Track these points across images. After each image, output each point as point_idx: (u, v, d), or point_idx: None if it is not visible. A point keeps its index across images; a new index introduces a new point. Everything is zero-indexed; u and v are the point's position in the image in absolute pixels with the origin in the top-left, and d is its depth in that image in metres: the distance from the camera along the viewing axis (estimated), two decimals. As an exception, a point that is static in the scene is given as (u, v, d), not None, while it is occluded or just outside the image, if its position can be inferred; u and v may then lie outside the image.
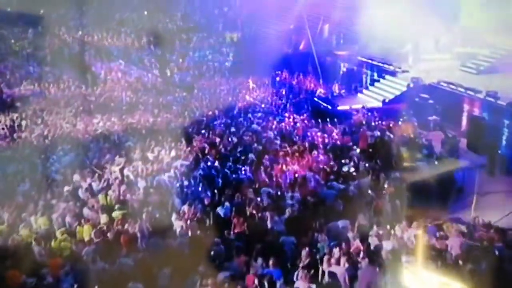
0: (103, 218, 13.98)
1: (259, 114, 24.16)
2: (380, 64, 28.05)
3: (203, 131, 21.32)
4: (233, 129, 21.35)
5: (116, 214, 14.16)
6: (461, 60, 26.23)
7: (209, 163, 17.26)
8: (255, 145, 19.13)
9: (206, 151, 18.68)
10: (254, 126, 22.03)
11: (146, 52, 36.89)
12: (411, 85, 24.21)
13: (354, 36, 30.16)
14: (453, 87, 22.29)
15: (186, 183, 15.90)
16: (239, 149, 18.72)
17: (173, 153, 19.00)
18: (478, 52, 26.64)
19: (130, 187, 15.97)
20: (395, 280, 9.84)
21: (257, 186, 15.38)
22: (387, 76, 26.97)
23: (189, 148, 19.07)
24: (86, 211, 14.54)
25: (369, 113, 22.63)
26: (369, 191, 14.66)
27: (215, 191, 15.15)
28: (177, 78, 33.33)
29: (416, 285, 9.34)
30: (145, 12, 41.69)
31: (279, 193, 14.93)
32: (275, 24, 31.36)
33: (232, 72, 34.09)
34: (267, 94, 28.40)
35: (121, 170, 17.69)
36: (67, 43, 36.68)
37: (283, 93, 28.24)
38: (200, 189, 15.42)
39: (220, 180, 16.11)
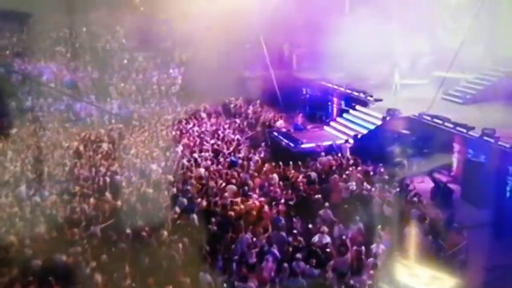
0: None
1: (208, 154, 19.83)
2: (348, 91, 24.19)
3: (133, 179, 16.89)
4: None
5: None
6: (442, 87, 22.41)
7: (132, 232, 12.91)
8: (199, 200, 14.95)
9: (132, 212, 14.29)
10: (201, 170, 17.77)
11: (82, 75, 32.03)
12: (387, 118, 20.29)
13: (318, 58, 26.28)
14: (438, 121, 18.53)
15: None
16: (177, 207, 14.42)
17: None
18: (460, 77, 23.14)
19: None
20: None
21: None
22: (357, 106, 22.95)
23: (107, 206, 14.65)
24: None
25: (340, 154, 18.57)
26: (351, 281, 10.58)
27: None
28: (115, 104, 28.62)
29: None
30: (84, 29, 37.00)
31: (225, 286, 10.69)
32: (229, 43, 27.16)
33: (180, 98, 29.73)
34: (218, 126, 24.05)
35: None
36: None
37: (237, 124, 23.98)
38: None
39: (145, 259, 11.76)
